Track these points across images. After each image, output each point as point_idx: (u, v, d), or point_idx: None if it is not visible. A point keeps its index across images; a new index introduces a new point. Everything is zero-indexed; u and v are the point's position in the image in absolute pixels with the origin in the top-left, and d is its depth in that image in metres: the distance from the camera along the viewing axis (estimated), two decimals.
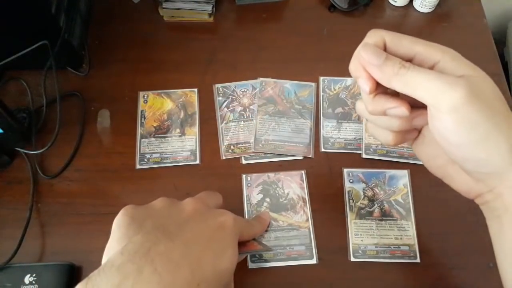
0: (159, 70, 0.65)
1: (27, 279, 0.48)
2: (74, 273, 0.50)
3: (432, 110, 0.31)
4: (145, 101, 0.62)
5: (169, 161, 0.58)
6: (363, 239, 0.53)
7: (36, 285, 0.48)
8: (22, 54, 0.53)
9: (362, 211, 0.54)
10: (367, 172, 0.57)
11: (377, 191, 0.55)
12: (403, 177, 0.56)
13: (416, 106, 0.34)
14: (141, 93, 0.62)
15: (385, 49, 0.34)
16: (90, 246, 0.52)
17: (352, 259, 0.52)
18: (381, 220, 0.54)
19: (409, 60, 0.33)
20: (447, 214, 0.55)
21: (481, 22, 0.70)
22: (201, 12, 0.68)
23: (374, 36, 0.34)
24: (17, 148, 0.57)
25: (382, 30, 0.35)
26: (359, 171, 0.57)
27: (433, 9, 0.70)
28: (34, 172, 0.56)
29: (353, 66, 0.35)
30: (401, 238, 0.53)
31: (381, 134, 0.38)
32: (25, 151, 0.57)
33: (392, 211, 0.54)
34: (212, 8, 0.68)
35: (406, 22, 0.71)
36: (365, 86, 0.34)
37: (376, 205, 0.54)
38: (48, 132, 0.58)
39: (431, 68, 0.32)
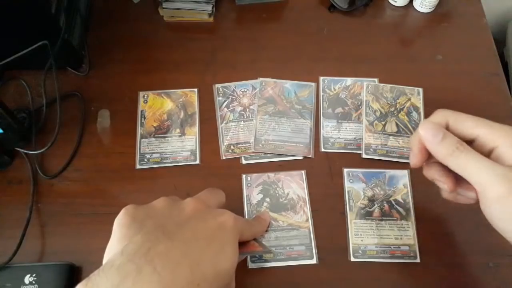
0: (159, 70, 0.65)
1: (27, 279, 0.48)
2: (74, 273, 0.50)
3: (480, 195, 0.34)
4: (145, 101, 0.62)
5: (169, 161, 0.58)
6: (363, 239, 0.53)
7: (36, 285, 0.48)
8: (22, 54, 0.52)
9: (362, 211, 0.54)
10: (367, 172, 0.57)
11: (377, 191, 0.55)
12: (403, 177, 0.56)
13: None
14: (141, 93, 0.62)
15: (447, 127, 0.36)
16: (90, 246, 0.52)
17: (352, 259, 0.52)
18: (381, 220, 0.54)
19: (471, 140, 0.35)
20: (447, 214, 0.55)
21: (481, 21, 0.70)
22: (201, 12, 0.68)
23: (438, 116, 0.37)
24: (17, 148, 0.57)
25: (447, 111, 0.37)
26: (359, 171, 0.57)
27: (433, 9, 0.70)
28: (34, 172, 0.56)
29: (413, 138, 0.38)
30: (401, 238, 0.53)
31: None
32: (25, 151, 0.57)
33: (392, 211, 0.54)
34: (212, 8, 0.68)
35: (406, 22, 0.71)
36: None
37: (376, 205, 0.54)
38: (48, 132, 0.58)
39: (491, 151, 0.35)
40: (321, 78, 0.64)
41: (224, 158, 0.58)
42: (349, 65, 0.65)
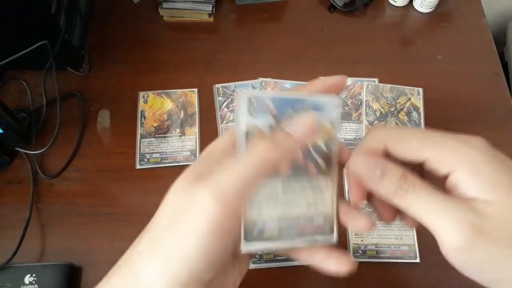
0: (159, 70, 0.65)
1: (27, 279, 0.48)
2: (74, 273, 0.50)
3: (437, 239, 0.27)
4: (145, 101, 0.62)
5: (169, 161, 0.58)
6: (363, 239, 0.53)
7: (36, 285, 0.48)
8: (22, 54, 0.52)
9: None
10: None
11: None
12: None
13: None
14: (141, 93, 0.62)
15: (387, 153, 0.28)
16: (90, 246, 0.52)
17: (352, 259, 0.52)
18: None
19: (420, 164, 0.28)
20: None
21: (481, 21, 0.70)
22: (201, 12, 0.68)
23: (373, 139, 0.29)
24: (17, 148, 0.57)
25: (383, 129, 0.29)
26: None
27: (433, 9, 0.70)
28: (34, 172, 0.56)
29: (347, 173, 0.30)
30: (401, 238, 0.52)
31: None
32: (25, 151, 0.57)
33: None
34: (212, 8, 0.68)
35: (406, 22, 0.71)
36: (352, 197, 0.30)
37: None
38: (48, 132, 0.58)
39: (445, 176, 0.27)
40: (321, 78, 0.64)
41: None
42: (349, 65, 0.65)
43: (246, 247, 0.26)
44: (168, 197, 0.26)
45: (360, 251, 0.52)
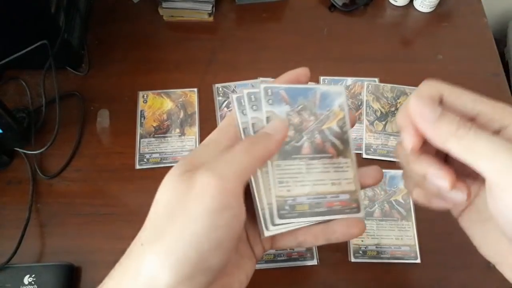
0: (159, 70, 0.65)
1: (27, 279, 0.48)
2: (73, 274, 0.50)
3: (493, 187, 0.25)
4: (145, 101, 0.62)
5: (168, 161, 0.57)
6: (364, 239, 0.52)
7: (35, 286, 0.48)
8: (21, 54, 0.52)
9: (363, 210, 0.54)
10: None
11: (378, 191, 0.55)
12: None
13: (465, 172, 0.28)
14: (140, 93, 0.62)
15: (441, 103, 0.28)
16: (89, 247, 0.52)
17: (353, 259, 0.52)
18: (382, 220, 0.53)
19: (470, 119, 0.27)
20: (448, 214, 0.54)
21: (482, 21, 0.70)
22: (201, 12, 0.68)
23: (429, 88, 0.29)
24: (16, 148, 0.57)
25: (439, 82, 0.29)
26: None
27: (433, 8, 0.70)
28: (33, 172, 0.56)
29: (401, 118, 0.29)
30: (401, 239, 0.52)
31: (413, 189, 0.32)
32: (24, 151, 0.56)
33: (393, 212, 0.54)
34: (212, 7, 0.68)
35: (406, 22, 0.71)
36: (408, 142, 0.28)
37: (376, 206, 0.54)
38: (47, 132, 0.57)
39: (497, 132, 0.27)
40: (321, 78, 0.64)
41: None
42: (350, 65, 0.65)
43: (280, 221, 0.28)
44: (164, 185, 0.27)
45: (360, 252, 0.52)
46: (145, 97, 0.62)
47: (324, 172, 0.31)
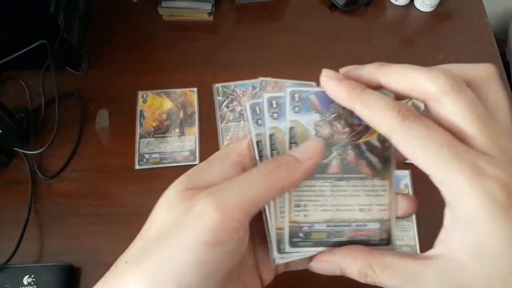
0: (158, 69, 0.65)
1: (26, 280, 0.48)
2: (73, 274, 0.50)
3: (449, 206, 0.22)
4: (144, 101, 0.61)
5: (168, 161, 0.57)
6: None
7: (34, 286, 0.48)
8: (20, 53, 0.52)
9: None
10: None
11: None
12: (404, 178, 0.56)
13: None
14: (140, 93, 0.62)
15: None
16: (89, 247, 0.52)
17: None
18: None
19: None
20: None
21: (482, 21, 0.70)
22: (201, 11, 0.67)
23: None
24: (15, 148, 0.56)
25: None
26: None
27: (434, 8, 0.70)
28: (32, 172, 0.56)
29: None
30: (402, 239, 0.52)
31: None
32: (23, 151, 0.56)
33: None
34: (212, 7, 0.67)
35: (407, 22, 0.71)
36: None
37: None
38: (46, 132, 0.57)
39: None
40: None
41: None
42: (350, 65, 0.65)
43: (291, 249, 0.25)
44: (164, 198, 0.25)
45: None
46: (144, 97, 0.62)
47: (353, 196, 0.26)
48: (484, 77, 0.25)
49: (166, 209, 0.24)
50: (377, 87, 0.25)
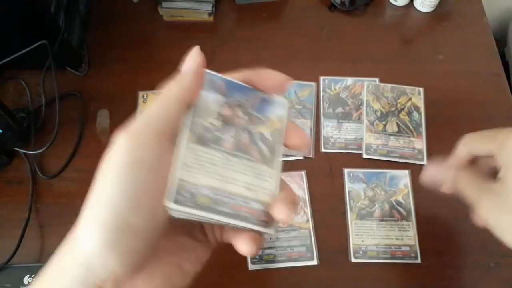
0: (159, 69, 0.64)
1: (26, 279, 0.48)
2: None
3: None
4: (145, 101, 0.61)
5: None
6: (364, 239, 0.52)
7: None
8: (21, 54, 0.52)
9: (363, 211, 0.54)
10: (368, 172, 0.56)
11: (378, 191, 0.55)
12: (404, 178, 0.56)
13: None
14: (140, 93, 0.62)
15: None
16: None
17: (353, 259, 0.51)
18: (382, 220, 0.53)
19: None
20: (448, 214, 0.54)
21: (482, 21, 0.70)
22: (201, 12, 0.68)
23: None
24: (16, 148, 0.56)
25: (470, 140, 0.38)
26: (359, 171, 0.57)
27: (433, 8, 0.70)
28: (33, 172, 0.56)
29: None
30: (401, 239, 0.52)
31: None
32: (24, 151, 0.56)
33: (393, 212, 0.54)
34: (212, 7, 0.67)
35: (406, 22, 0.71)
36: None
37: (376, 206, 0.54)
38: (47, 132, 0.57)
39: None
40: (322, 77, 0.64)
41: None
42: (350, 65, 0.65)
43: (174, 206, 0.25)
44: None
45: (360, 252, 0.52)
46: (145, 97, 0.62)
47: (242, 173, 0.28)
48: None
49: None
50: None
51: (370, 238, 0.52)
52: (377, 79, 0.63)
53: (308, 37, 0.68)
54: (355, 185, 0.56)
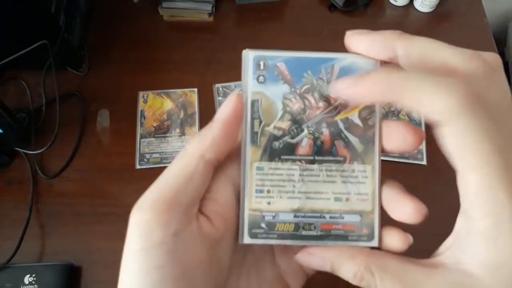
0: (159, 70, 0.65)
1: (27, 279, 0.48)
2: (73, 273, 0.50)
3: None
4: (145, 101, 0.62)
5: (169, 161, 0.57)
6: None
7: (35, 285, 0.48)
8: (21, 54, 0.52)
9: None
10: None
11: None
12: None
13: None
14: (140, 93, 0.62)
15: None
16: (89, 247, 0.52)
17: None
18: None
19: None
20: (448, 214, 0.54)
21: (482, 21, 0.70)
22: (201, 12, 0.68)
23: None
24: (16, 148, 0.57)
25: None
26: None
27: (433, 8, 0.70)
28: (33, 172, 0.56)
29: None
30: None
31: None
32: (24, 151, 0.56)
33: None
34: (212, 7, 0.68)
35: (406, 22, 0.71)
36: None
37: None
38: (47, 132, 0.57)
39: None
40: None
41: None
42: None
43: (250, 241, 0.22)
44: None
45: None
46: (145, 97, 0.62)
47: (327, 182, 0.22)
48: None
49: None
50: (390, 60, 0.22)
51: None
52: None
53: (308, 37, 0.68)
54: None
